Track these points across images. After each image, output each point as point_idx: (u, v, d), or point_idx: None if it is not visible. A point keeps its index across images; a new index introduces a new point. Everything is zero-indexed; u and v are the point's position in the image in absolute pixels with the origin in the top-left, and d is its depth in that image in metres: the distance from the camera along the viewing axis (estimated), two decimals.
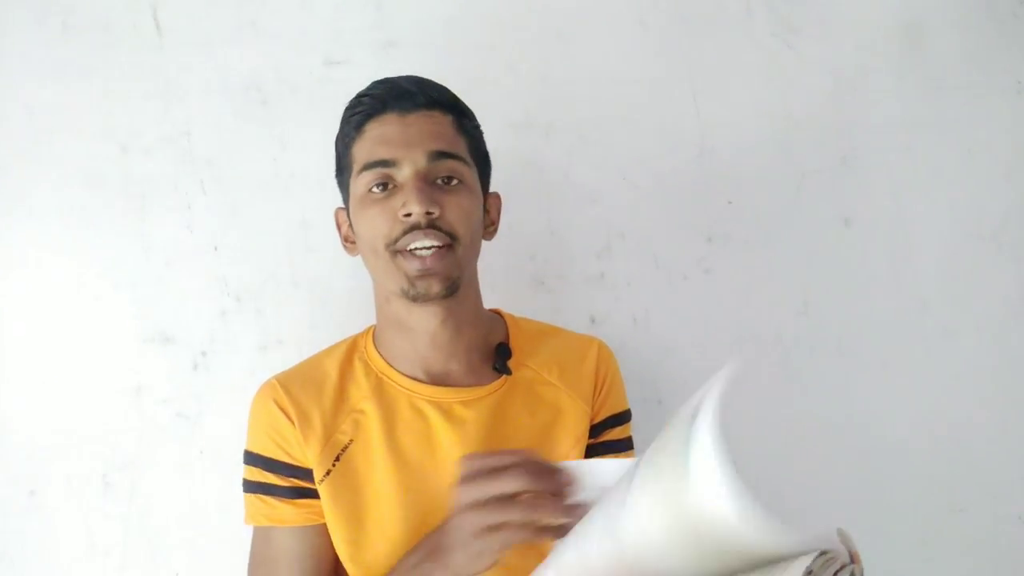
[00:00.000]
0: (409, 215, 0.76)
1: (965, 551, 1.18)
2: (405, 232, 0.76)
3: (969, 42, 1.21)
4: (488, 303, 0.93)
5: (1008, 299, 1.20)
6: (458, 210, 0.78)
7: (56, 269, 1.05)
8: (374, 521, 0.81)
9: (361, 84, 0.83)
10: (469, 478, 0.63)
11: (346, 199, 0.84)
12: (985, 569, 1.18)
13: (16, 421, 1.03)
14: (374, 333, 0.89)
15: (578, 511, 0.59)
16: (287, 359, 0.94)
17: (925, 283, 1.19)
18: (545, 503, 0.61)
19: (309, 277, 1.08)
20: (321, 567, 0.81)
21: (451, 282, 0.79)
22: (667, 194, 1.15)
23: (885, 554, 1.17)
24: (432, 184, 0.78)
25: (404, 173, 0.77)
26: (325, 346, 0.91)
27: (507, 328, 0.92)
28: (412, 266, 0.77)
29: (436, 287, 0.77)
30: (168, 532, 1.04)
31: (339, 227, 0.88)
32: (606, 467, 0.61)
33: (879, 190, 1.19)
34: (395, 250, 0.77)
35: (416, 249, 0.76)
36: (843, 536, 0.50)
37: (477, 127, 0.86)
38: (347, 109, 0.83)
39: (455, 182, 0.79)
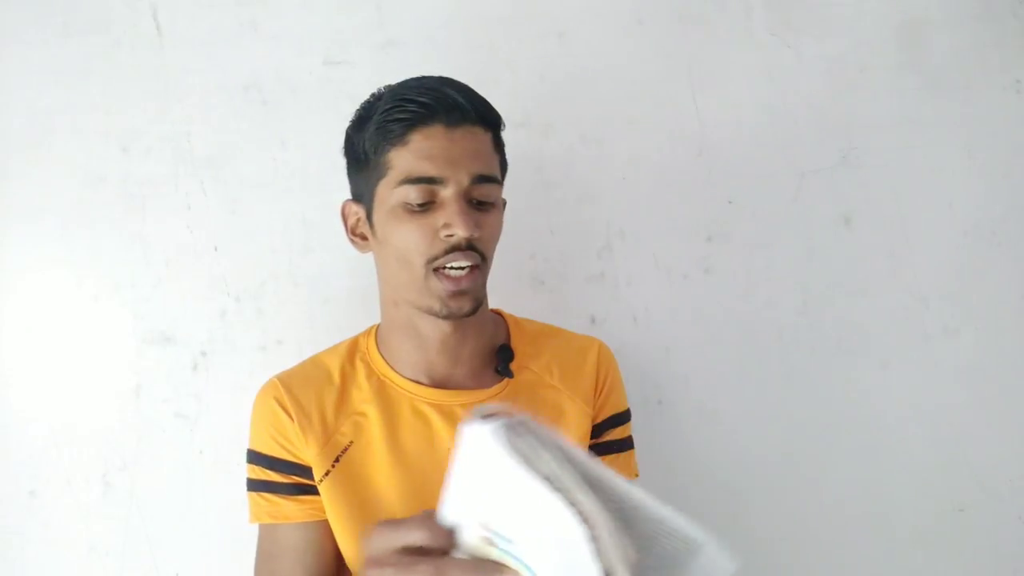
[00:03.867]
0: (451, 235, 0.76)
1: (965, 551, 1.17)
2: (447, 251, 0.77)
3: (968, 41, 1.21)
4: (489, 303, 0.93)
5: (1008, 298, 1.20)
6: (491, 232, 0.80)
7: (56, 269, 1.05)
8: (375, 522, 0.81)
9: (361, 84, 0.83)
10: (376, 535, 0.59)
11: (363, 196, 0.82)
12: (985, 569, 1.18)
13: (16, 421, 1.03)
14: (377, 334, 0.88)
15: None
16: (287, 359, 0.94)
17: (925, 282, 1.18)
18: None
19: (309, 277, 1.08)
20: (323, 561, 0.82)
21: (478, 302, 0.81)
22: (667, 193, 1.15)
23: (885, 554, 1.17)
24: (471, 204, 0.78)
25: (448, 192, 0.77)
26: (325, 346, 0.91)
27: (508, 329, 0.92)
28: (445, 286, 0.77)
29: (467, 307, 0.79)
30: (168, 532, 1.04)
31: (345, 220, 0.86)
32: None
33: (879, 189, 1.19)
34: (432, 268, 0.77)
35: (451, 268, 0.77)
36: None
37: (501, 135, 0.84)
38: (386, 110, 0.77)
39: (490, 204, 0.80)
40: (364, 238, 0.84)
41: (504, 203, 0.87)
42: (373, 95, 0.83)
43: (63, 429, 1.03)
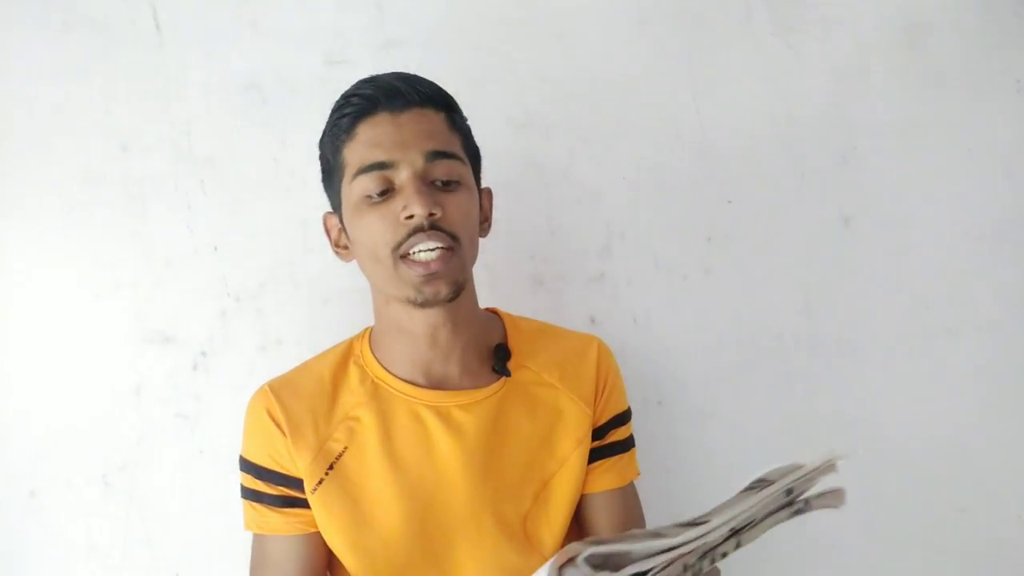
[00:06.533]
0: (411, 217, 0.74)
1: (965, 551, 1.18)
2: (409, 235, 0.75)
3: (969, 41, 1.21)
4: (488, 303, 0.93)
5: (1008, 299, 1.20)
6: (458, 210, 0.77)
7: (56, 269, 1.05)
8: (373, 528, 0.80)
9: None
10: None
11: (337, 204, 0.83)
12: (985, 569, 1.18)
13: (16, 421, 1.03)
14: (371, 337, 0.88)
15: None
16: (287, 359, 0.94)
17: (925, 282, 1.18)
18: None
19: (309, 277, 1.08)
20: (307, 575, 0.82)
21: (457, 285, 0.78)
22: (667, 194, 1.15)
23: (885, 554, 1.17)
24: (431, 185, 0.77)
25: (402, 176, 0.76)
26: (325, 346, 0.91)
27: (505, 328, 0.91)
28: (416, 272, 0.75)
29: (444, 291, 0.76)
30: (168, 532, 1.04)
31: (328, 233, 0.86)
32: None
33: (879, 189, 1.19)
34: (399, 255, 0.76)
35: (419, 252, 0.75)
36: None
37: (466, 122, 0.85)
38: (334, 111, 0.81)
39: (454, 182, 0.78)
40: (346, 248, 0.84)
41: (490, 192, 0.87)
42: (335, 103, 0.83)
43: (63, 429, 1.03)
